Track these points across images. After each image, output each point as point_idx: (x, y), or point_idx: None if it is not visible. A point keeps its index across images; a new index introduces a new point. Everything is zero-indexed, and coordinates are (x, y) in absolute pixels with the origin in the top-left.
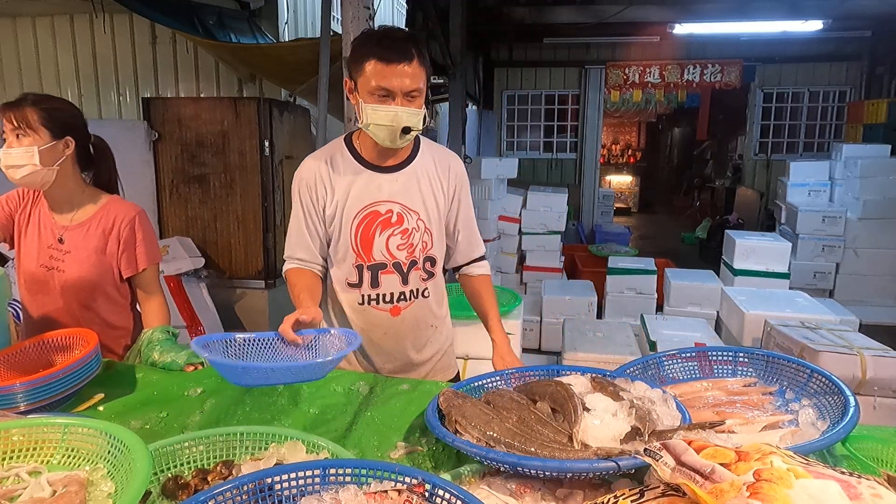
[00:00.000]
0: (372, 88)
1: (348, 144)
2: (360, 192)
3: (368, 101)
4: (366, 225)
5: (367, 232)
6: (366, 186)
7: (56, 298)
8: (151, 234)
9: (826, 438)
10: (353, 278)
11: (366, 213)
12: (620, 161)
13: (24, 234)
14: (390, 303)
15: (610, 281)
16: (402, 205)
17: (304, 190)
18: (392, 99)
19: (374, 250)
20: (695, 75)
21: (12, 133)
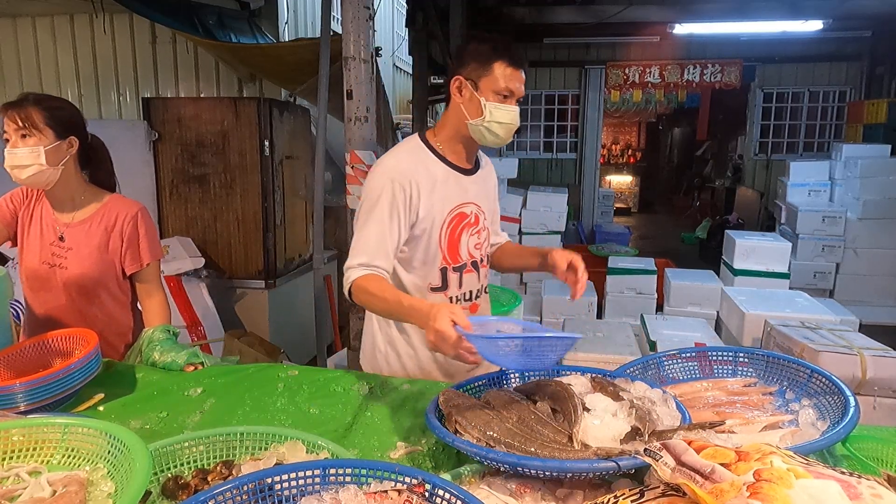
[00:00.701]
0: (500, 89)
1: (427, 146)
2: (449, 194)
3: (492, 99)
4: (454, 227)
5: (454, 234)
6: (455, 188)
7: (59, 295)
8: (153, 230)
9: (826, 438)
10: (437, 282)
11: (455, 215)
12: (620, 161)
13: (27, 231)
14: (470, 300)
15: (610, 281)
16: (478, 206)
17: (397, 191)
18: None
19: (460, 252)
20: (695, 75)
21: (16, 133)
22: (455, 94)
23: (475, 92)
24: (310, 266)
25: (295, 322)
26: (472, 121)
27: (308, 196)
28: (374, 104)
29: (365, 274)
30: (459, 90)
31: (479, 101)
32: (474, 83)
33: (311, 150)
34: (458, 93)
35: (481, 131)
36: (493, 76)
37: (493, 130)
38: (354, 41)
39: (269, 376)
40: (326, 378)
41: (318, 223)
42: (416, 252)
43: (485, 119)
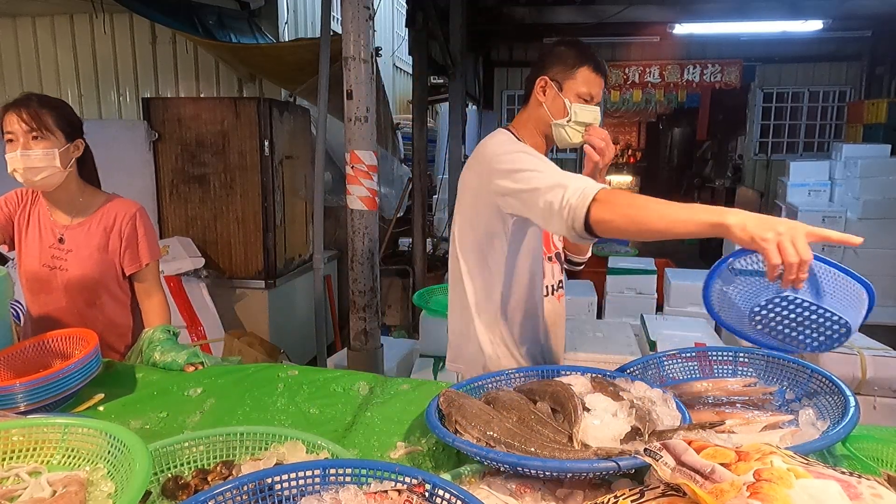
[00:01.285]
0: (582, 93)
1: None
2: None
3: (575, 101)
4: None
5: None
6: None
7: (59, 297)
8: (152, 231)
9: (826, 438)
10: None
11: None
12: (620, 161)
13: (25, 234)
14: (557, 290)
15: (610, 281)
16: None
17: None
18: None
19: (551, 242)
20: (695, 75)
21: (27, 135)
22: (539, 94)
23: (559, 93)
24: (310, 266)
25: (295, 322)
26: (556, 121)
27: (308, 196)
28: (374, 104)
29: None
30: (543, 90)
31: (563, 102)
32: (559, 84)
33: (311, 150)
34: (542, 93)
35: (563, 131)
36: (577, 80)
37: (574, 130)
38: (354, 41)
39: (269, 376)
40: (326, 378)
41: (318, 223)
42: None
43: (569, 119)
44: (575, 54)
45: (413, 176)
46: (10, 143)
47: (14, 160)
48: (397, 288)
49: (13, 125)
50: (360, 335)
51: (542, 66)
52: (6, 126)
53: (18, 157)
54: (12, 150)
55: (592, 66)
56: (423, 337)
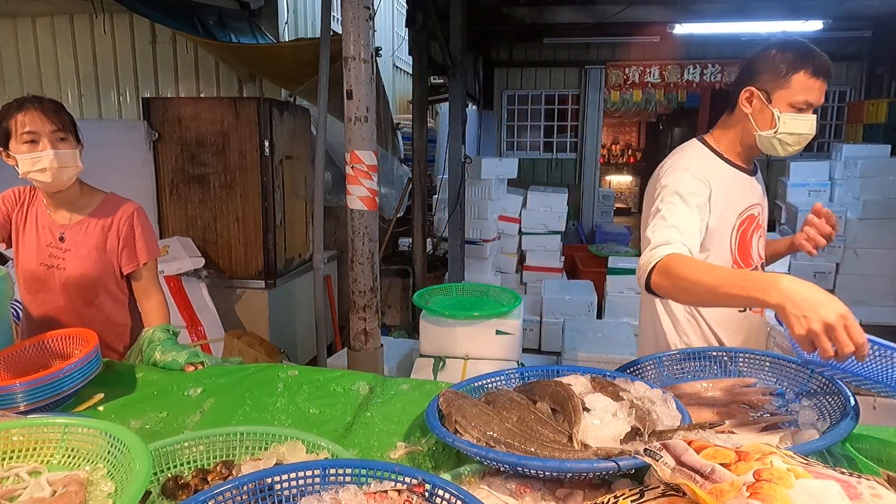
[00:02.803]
0: (797, 101)
1: (709, 148)
2: (739, 196)
3: (786, 111)
4: (744, 229)
5: (745, 237)
6: (743, 190)
7: (57, 297)
8: (150, 229)
9: (826, 439)
10: None
11: (745, 217)
12: (620, 161)
13: (22, 233)
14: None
15: (610, 281)
16: (762, 207)
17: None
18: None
19: (751, 254)
20: (695, 75)
21: (53, 135)
22: (744, 105)
23: (767, 104)
24: (310, 266)
25: (295, 322)
26: (761, 132)
27: (308, 196)
28: (374, 104)
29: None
30: (749, 101)
31: (771, 113)
32: (767, 94)
33: (311, 150)
34: (748, 104)
35: (771, 143)
36: (791, 88)
37: (786, 142)
38: (354, 41)
39: (269, 376)
40: (326, 378)
41: (318, 223)
42: (707, 255)
43: (777, 131)
44: (790, 59)
45: (413, 176)
46: (31, 142)
47: (44, 159)
48: (397, 288)
49: (37, 125)
50: (360, 335)
51: (751, 74)
52: (26, 125)
53: (52, 157)
54: (35, 149)
55: (810, 70)
56: (423, 337)
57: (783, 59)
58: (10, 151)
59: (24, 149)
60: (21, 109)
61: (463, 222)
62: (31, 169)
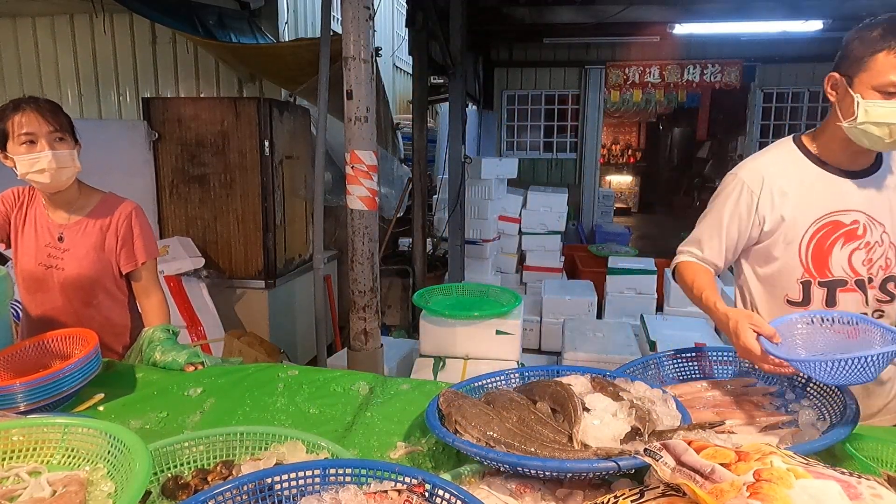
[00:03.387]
0: (882, 84)
1: (799, 145)
2: (819, 200)
3: (870, 96)
4: (823, 236)
5: (823, 244)
6: (827, 193)
7: (55, 297)
8: (149, 229)
9: (826, 439)
10: (796, 295)
11: (825, 224)
12: (620, 161)
13: (21, 233)
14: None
15: (610, 281)
16: (867, 215)
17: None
18: None
19: (831, 265)
20: (695, 75)
21: (51, 136)
22: (829, 93)
23: (849, 89)
24: (310, 266)
25: (295, 322)
26: (844, 122)
27: (308, 196)
28: (374, 104)
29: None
30: (834, 88)
31: (852, 99)
32: (849, 79)
33: (311, 150)
34: (833, 91)
35: (856, 134)
36: (872, 70)
37: (871, 132)
38: (354, 41)
39: (269, 376)
40: (326, 378)
41: (318, 223)
42: (770, 260)
43: (857, 120)
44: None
45: (413, 176)
46: (29, 143)
47: (42, 160)
48: (397, 288)
49: (34, 126)
50: (360, 335)
51: (837, 59)
52: (24, 126)
53: (50, 157)
54: (34, 150)
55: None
56: (423, 337)
57: (864, 38)
58: (7, 153)
59: (22, 150)
60: (18, 110)
61: (463, 222)
62: (29, 170)
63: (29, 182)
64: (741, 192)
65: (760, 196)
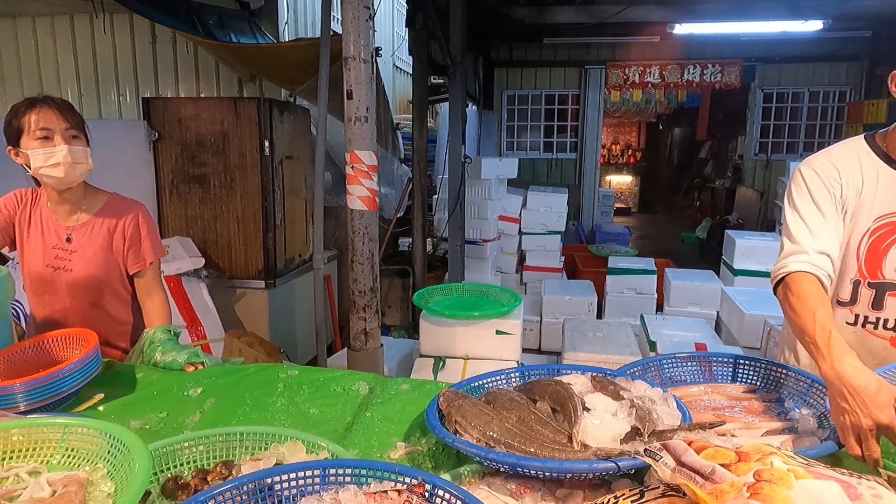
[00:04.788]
0: None
1: (870, 142)
2: (883, 198)
3: None
4: (880, 237)
5: (879, 245)
6: (889, 192)
7: (63, 298)
8: (155, 230)
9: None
10: (846, 295)
11: (884, 224)
12: (620, 161)
13: (27, 235)
14: (893, 330)
15: (610, 281)
16: None
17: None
18: None
19: (884, 267)
20: (695, 75)
21: (66, 132)
22: (893, 91)
23: None
24: (310, 266)
25: (295, 322)
26: None
27: (308, 196)
28: (374, 104)
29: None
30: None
31: None
32: None
33: (311, 150)
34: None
35: None
36: None
37: None
38: (354, 41)
39: (269, 376)
40: (326, 378)
41: (318, 223)
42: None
43: None
44: None
45: (413, 176)
46: (44, 139)
47: (58, 154)
48: (397, 288)
49: (51, 122)
50: (360, 335)
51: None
52: (40, 122)
53: (66, 152)
54: (48, 145)
55: None
56: (422, 337)
57: None
58: (20, 149)
59: (37, 144)
60: (34, 107)
61: (463, 222)
62: (43, 164)
63: (41, 177)
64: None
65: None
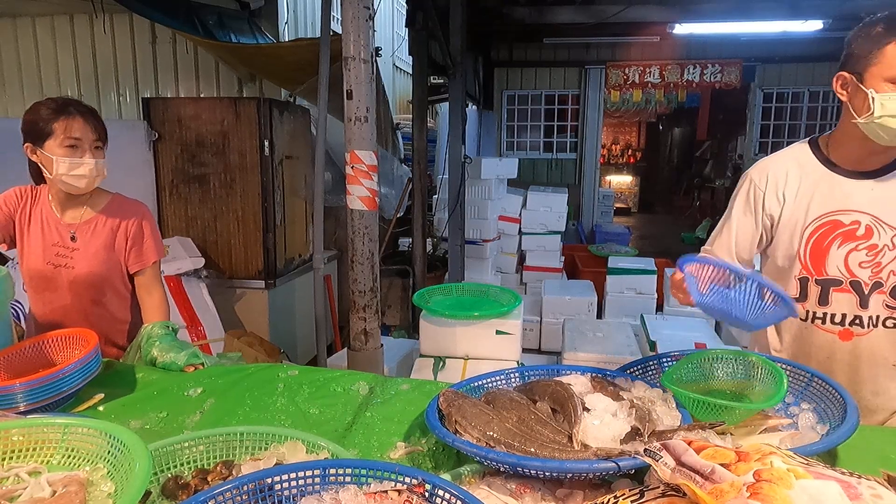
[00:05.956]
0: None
1: (813, 147)
2: (820, 199)
3: (885, 90)
4: (820, 235)
5: (822, 242)
6: (829, 193)
7: (64, 295)
8: (157, 230)
9: (826, 442)
10: (794, 291)
11: (824, 223)
12: (620, 161)
13: (27, 233)
14: (840, 325)
15: (610, 281)
16: (872, 216)
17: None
18: None
19: (826, 265)
20: (695, 75)
21: (92, 143)
22: (840, 93)
23: (860, 85)
24: (310, 266)
25: (295, 322)
26: (859, 118)
27: (308, 196)
28: (374, 104)
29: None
30: (844, 87)
31: (865, 95)
32: (859, 75)
33: (311, 150)
34: (844, 91)
35: (873, 129)
36: (885, 62)
37: (889, 126)
38: (354, 41)
39: (269, 376)
40: (326, 378)
41: (318, 223)
42: (776, 253)
43: (874, 115)
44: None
45: (413, 176)
46: (72, 147)
47: (84, 167)
48: (397, 288)
49: (82, 132)
50: (360, 335)
51: (843, 58)
52: (72, 131)
53: (92, 166)
54: (75, 155)
55: None
56: (422, 337)
57: (869, 34)
58: (44, 151)
59: (64, 152)
60: (65, 113)
61: (463, 222)
62: (67, 172)
63: (58, 181)
64: (749, 189)
65: (766, 193)
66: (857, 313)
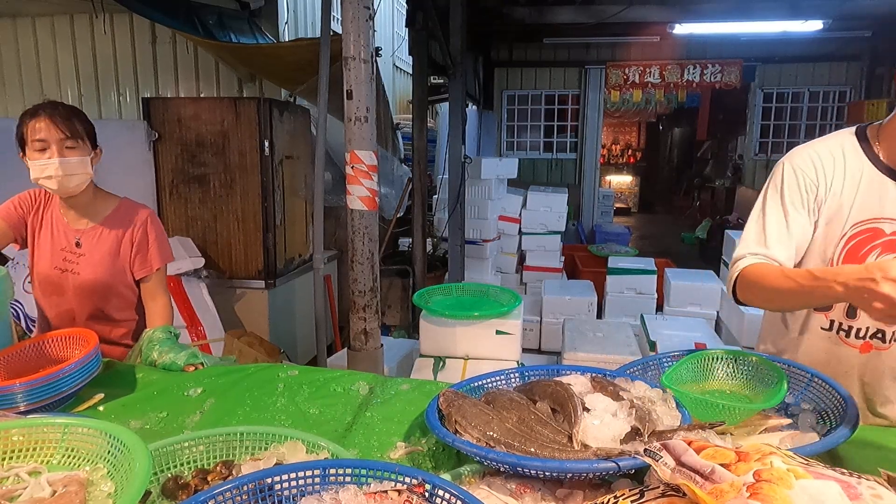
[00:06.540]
0: None
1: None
2: (864, 202)
3: None
4: (858, 243)
5: (858, 251)
6: (873, 196)
7: (69, 299)
8: (163, 235)
9: (826, 442)
10: None
11: (863, 230)
12: (620, 161)
13: (38, 236)
14: (862, 339)
15: (610, 281)
16: None
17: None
18: None
19: None
20: (695, 75)
21: (60, 143)
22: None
23: None
24: (310, 266)
25: (295, 322)
26: None
27: (308, 196)
28: (374, 104)
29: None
30: None
31: None
32: None
33: (311, 150)
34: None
35: None
36: None
37: None
38: (354, 41)
39: (269, 376)
40: (326, 378)
41: (318, 223)
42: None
43: None
44: None
45: (413, 176)
46: (41, 150)
47: (50, 167)
48: (397, 288)
49: (46, 132)
50: (360, 335)
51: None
52: (36, 133)
53: (57, 165)
54: (44, 156)
55: None
56: (422, 337)
57: None
58: (25, 156)
59: (35, 156)
60: (34, 116)
61: (463, 222)
62: (39, 175)
63: (38, 185)
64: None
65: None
66: (882, 327)
